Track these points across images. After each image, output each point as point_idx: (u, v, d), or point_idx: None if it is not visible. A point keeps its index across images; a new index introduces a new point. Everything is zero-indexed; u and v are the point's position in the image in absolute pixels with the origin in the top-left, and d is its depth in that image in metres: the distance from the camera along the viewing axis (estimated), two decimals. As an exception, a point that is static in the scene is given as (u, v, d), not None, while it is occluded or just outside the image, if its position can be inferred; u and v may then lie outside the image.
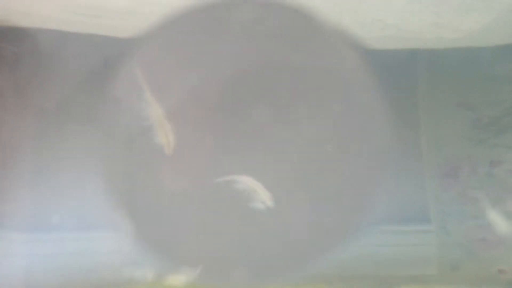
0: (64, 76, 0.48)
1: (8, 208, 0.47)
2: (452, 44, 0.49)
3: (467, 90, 0.49)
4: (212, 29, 0.49)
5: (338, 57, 0.49)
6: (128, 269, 0.46)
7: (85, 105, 0.48)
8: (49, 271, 0.46)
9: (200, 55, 0.49)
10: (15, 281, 0.46)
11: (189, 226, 0.47)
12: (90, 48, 0.48)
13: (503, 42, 0.49)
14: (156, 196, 0.47)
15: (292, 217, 0.47)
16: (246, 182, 0.46)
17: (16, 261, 0.46)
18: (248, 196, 0.46)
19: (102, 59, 0.48)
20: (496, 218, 0.47)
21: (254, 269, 0.46)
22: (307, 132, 0.48)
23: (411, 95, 0.49)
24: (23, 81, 0.48)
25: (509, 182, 0.48)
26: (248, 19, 0.49)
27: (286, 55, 0.49)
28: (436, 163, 0.48)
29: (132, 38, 0.48)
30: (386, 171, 0.47)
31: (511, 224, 0.47)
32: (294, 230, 0.47)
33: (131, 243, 0.46)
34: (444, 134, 0.48)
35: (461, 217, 0.47)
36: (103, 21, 0.49)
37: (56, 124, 0.48)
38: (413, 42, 0.49)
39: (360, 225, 0.47)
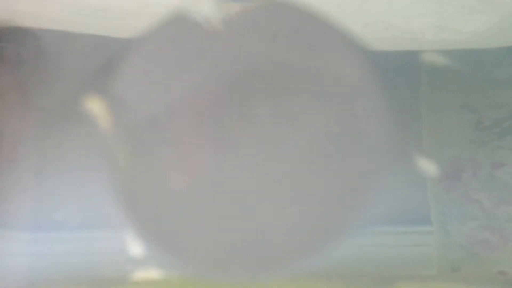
0: (67, 76, 0.48)
1: (10, 207, 0.47)
2: (455, 46, 0.49)
3: (470, 92, 0.49)
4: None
5: (340, 57, 0.48)
6: (131, 268, 0.46)
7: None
8: (52, 271, 0.46)
9: (202, 55, 0.48)
10: (17, 280, 0.46)
11: (190, 224, 0.46)
12: (93, 48, 0.48)
13: (507, 44, 0.49)
14: (158, 195, 0.47)
15: (292, 216, 0.47)
16: None
17: (18, 261, 0.46)
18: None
19: (105, 59, 0.48)
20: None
21: (253, 266, 0.46)
22: (308, 132, 0.47)
23: (413, 96, 0.48)
24: (25, 81, 0.48)
25: (511, 184, 0.48)
26: (250, 19, 0.48)
27: (288, 55, 0.48)
28: (437, 165, 0.48)
29: (135, 38, 0.48)
30: (387, 172, 0.47)
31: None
32: (293, 229, 0.47)
33: (134, 241, 0.46)
34: (446, 136, 0.48)
35: (462, 218, 0.47)
36: (106, 22, 0.49)
37: (58, 124, 0.48)
38: (416, 44, 0.49)
39: (360, 225, 0.47)
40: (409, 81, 0.49)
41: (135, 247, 0.46)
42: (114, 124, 0.47)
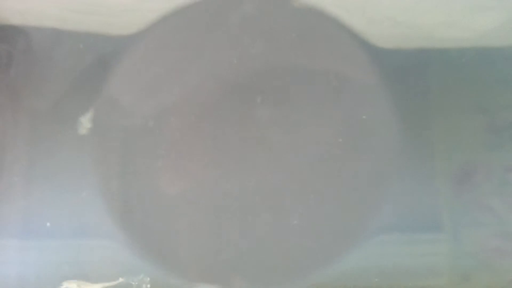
0: (60, 75, 0.47)
1: (-1, 214, 0.46)
2: (465, 44, 0.48)
3: (481, 92, 0.48)
4: (211, 26, 0.48)
5: (346, 56, 0.48)
6: (123, 278, 0.45)
7: (80, 105, 0.47)
8: (42, 279, 0.45)
9: (199, 53, 0.47)
10: (6, 289, 0.45)
11: (185, 233, 0.46)
12: (86, 46, 0.47)
13: (519, 42, 0.48)
14: (152, 202, 0.46)
15: (294, 224, 0.45)
16: None
17: (7, 269, 0.45)
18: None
19: (98, 57, 0.47)
20: None
21: (253, 276, 0.45)
22: (312, 135, 0.46)
23: (422, 96, 0.48)
24: (17, 81, 0.47)
25: (524, 188, 0.47)
26: (250, 15, 0.48)
27: (291, 53, 0.47)
28: (448, 168, 0.47)
29: (129, 35, 0.47)
30: (396, 176, 0.46)
31: None
32: (296, 238, 0.46)
33: (127, 250, 0.45)
34: (456, 138, 0.47)
35: (474, 225, 0.46)
36: (99, 19, 0.48)
37: (50, 127, 0.47)
38: (425, 41, 0.48)
39: (368, 234, 0.45)
40: (417, 80, 0.48)
41: (127, 256, 0.45)
42: (107, 126, 0.46)
